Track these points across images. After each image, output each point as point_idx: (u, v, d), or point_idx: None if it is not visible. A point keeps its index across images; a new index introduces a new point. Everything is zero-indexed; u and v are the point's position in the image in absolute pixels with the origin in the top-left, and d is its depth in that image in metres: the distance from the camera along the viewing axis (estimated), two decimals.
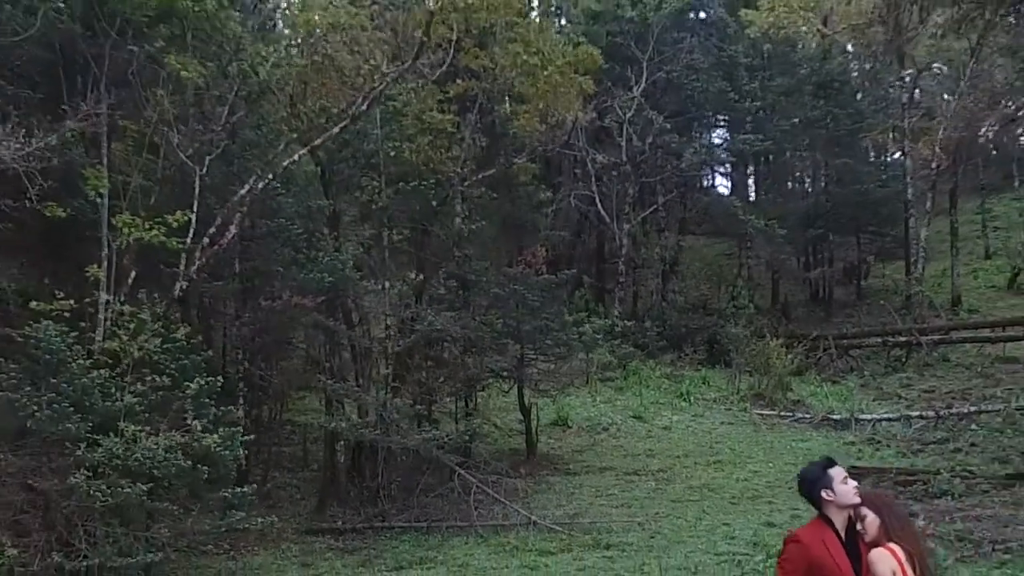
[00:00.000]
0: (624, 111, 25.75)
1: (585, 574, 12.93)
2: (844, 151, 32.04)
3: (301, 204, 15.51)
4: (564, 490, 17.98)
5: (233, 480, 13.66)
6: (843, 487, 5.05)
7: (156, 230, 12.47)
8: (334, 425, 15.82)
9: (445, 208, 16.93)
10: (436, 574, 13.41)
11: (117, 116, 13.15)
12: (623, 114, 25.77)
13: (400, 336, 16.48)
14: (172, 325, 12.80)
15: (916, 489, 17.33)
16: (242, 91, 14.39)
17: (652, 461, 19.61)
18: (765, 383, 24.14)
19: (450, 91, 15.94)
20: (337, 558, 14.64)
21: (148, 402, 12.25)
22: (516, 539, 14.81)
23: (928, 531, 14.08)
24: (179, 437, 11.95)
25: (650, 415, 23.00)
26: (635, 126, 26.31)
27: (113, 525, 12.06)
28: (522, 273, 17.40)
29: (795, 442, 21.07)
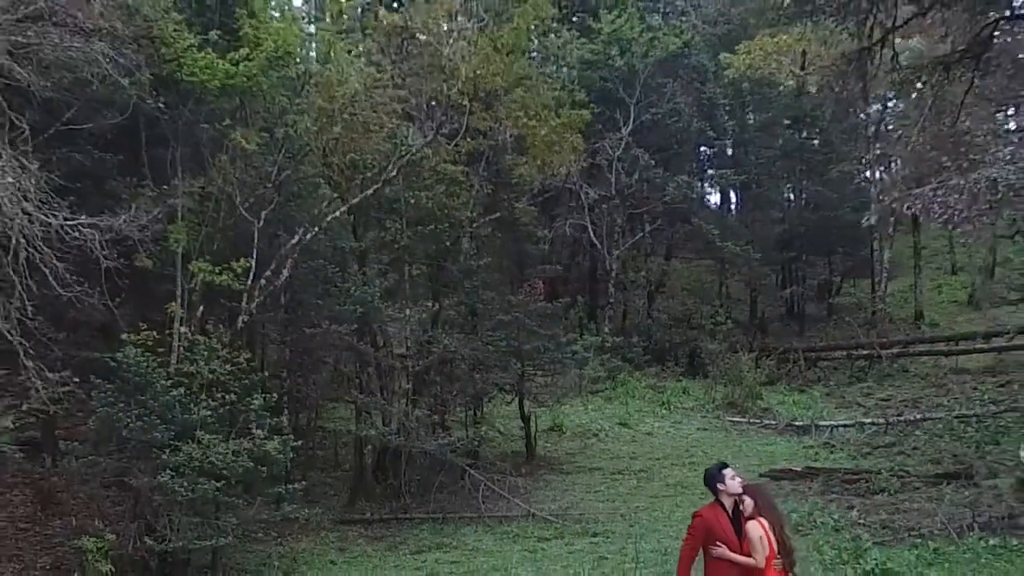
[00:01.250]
0: (613, 150, 27.89)
1: (575, 556, 15.19)
2: (816, 179, 34.31)
3: (335, 245, 17.92)
4: (558, 487, 20.15)
5: (284, 479, 16.13)
6: (731, 482, 7.54)
7: (225, 275, 14.97)
8: (364, 432, 18.27)
9: (457, 246, 19.26)
10: (451, 557, 15.68)
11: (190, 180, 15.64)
12: (612, 152, 27.90)
13: (418, 356, 18.89)
14: (236, 351, 15.24)
15: (859, 486, 19.60)
16: (287, 153, 16.83)
17: (635, 462, 21.78)
18: (737, 393, 26.25)
19: (461, 148, 18.31)
20: (367, 544, 16.96)
21: (218, 415, 14.60)
22: (517, 528, 17.09)
23: (858, 521, 16.70)
24: (244, 443, 14.40)
25: (635, 422, 25.05)
26: (623, 163, 28.38)
27: (190, 515, 14.53)
28: (523, 301, 19.81)
29: (761, 446, 23.24)
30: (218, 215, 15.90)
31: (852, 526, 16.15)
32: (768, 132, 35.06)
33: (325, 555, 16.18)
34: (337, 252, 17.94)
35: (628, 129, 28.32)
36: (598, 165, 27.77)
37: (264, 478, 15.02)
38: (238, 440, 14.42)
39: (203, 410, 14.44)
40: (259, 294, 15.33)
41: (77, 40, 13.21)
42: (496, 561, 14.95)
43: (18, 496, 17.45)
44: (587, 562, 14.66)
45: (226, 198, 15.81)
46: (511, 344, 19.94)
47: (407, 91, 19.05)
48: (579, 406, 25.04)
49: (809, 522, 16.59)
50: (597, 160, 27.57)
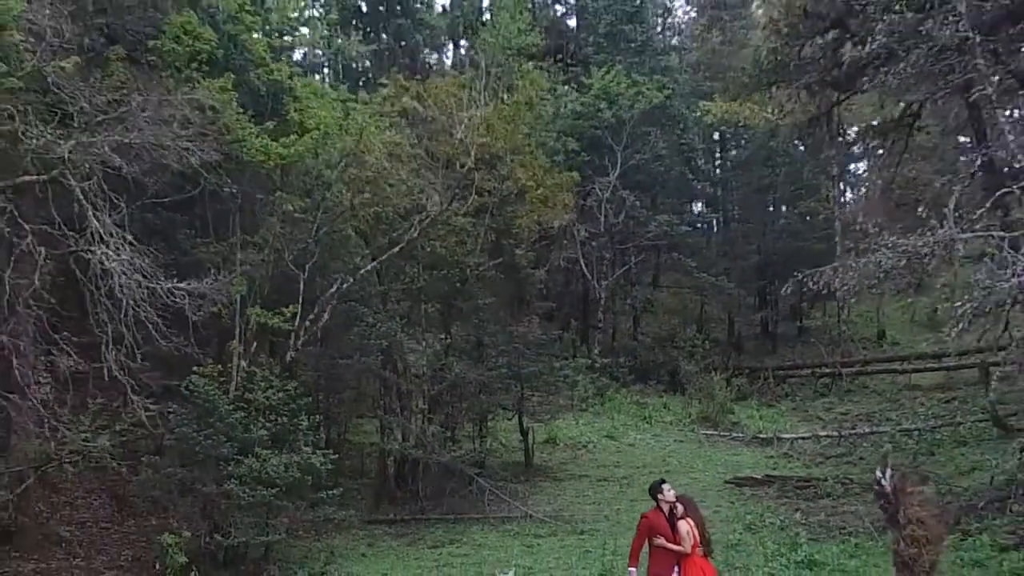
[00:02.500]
0: (603, 192, 30.31)
1: (565, 550, 17.79)
2: (788, 212, 37.03)
3: (363, 289, 20.65)
4: (552, 492, 22.59)
5: (323, 486, 18.85)
6: (668, 493, 10.37)
7: (276, 318, 17.76)
8: (387, 445, 21.03)
9: (466, 287, 21.92)
10: (461, 551, 18.24)
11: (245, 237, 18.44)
12: (602, 194, 30.26)
13: (433, 380, 21.61)
14: (285, 381, 18.01)
15: (808, 492, 22.29)
16: (325, 213, 19.58)
17: (618, 470, 24.14)
18: (710, 408, 28.53)
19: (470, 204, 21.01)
20: (392, 540, 19.58)
21: (272, 434, 17.36)
22: (517, 527, 19.66)
23: (800, 521, 19.44)
24: (294, 457, 17.14)
25: (619, 434, 27.31)
26: (611, 204, 30.75)
27: (249, 516, 17.25)
28: (522, 333, 22.52)
29: (728, 456, 25.65)
30: (268, 267, 18.68)
31: (794, 525, 18.84)
32: (744, 170, 37.73)
33: (357, 549, 18.79)
34: (365, 294, 20.65)
35: (616, 173, 30.80)
36: (589, 206, 30.50)
37: (308, 486, 17.78)
38: (289, 455, 17.14)
39: (260, 430, 17.11)
40: (304, 333, 18.11)
41: (162, 130, 16.02)
42: (499, 554, 17.44)
43: (97, 500, 20.13)
44: (574, 555, 17.20)
45: (275, 253, 18.60)
46: (512, 369, 22.32)
47: (423, 152, 21.86)
48: (571, 421, 27.08)
49: (760, 522, 19.32)
50: (588, 201, 30.29)
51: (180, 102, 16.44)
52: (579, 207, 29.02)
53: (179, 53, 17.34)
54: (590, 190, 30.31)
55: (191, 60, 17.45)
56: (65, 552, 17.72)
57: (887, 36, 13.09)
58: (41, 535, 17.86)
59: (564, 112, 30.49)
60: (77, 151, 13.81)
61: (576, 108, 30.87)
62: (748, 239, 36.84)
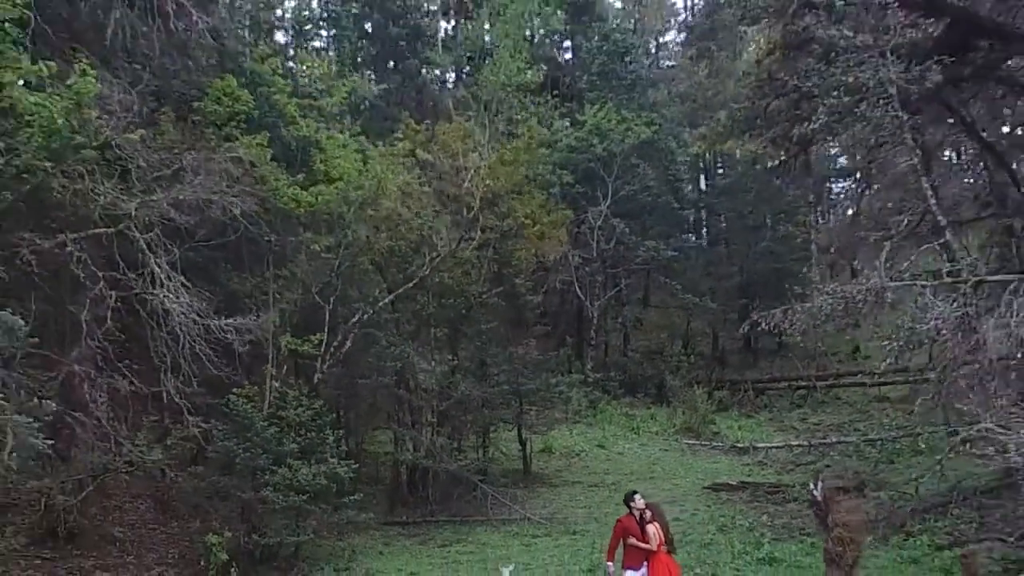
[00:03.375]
0: (595, 220, 32.29)
1: (558, 549, 19.67)
2: (768, 236, 39.05)
3: (379, 316, 22.71)
4: (548, 497, 24.35)
5: (345, 492, 20.90)
6: (638, 501, 12.48)
7: (306, 345, 19.87)
8: (401, 456, 23.16)
9: (470, 313, 23.94)
10: (467, 549, 20.12)
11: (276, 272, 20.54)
12: (594, 222, 32.11)
13: (441, 397, 23.63)
14: (313, 400, 20.08)
15: (777, 497, 24.25)
16: (347, 250, 21.66)
17: (607, 477, 25.89)
18: (693, 419, 30.37)
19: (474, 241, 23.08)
20: (405, 540, 21.46)
21: (302, 446, 19.48)
22: (516, 528, 21.51)
23: (766, 523, 21.52)
24: (322, 467, 19.21)
25: (610, 444, 29.04)
26: (603, 231, 32.58)
27: (282, 519, 19.33)
28: (521, 354, 24.61)
29: (708, 464, 27.42)
30: (297, 300, 20.78)
31: (761, 527, 20.90)
32: (728, 195, 39.81)
33: (375, 548, 20.73)
34: (380, 320, 22.70)
35: (607, 203, 32.68)
36: (583, 233, 32.59)
37: (333, 492, 19.84)
38: (316, 465, 19.19)
39: (291, 443, 19.11)
40: (330, 358, 20.22)
41: (209, 184, 18.12)
42: (501, 552, 19.35)
43: (143, 504, 22.13)
44: (567, 553, 19.14)
45: (303, 286, 20.70)
46: (512, 386, 24.11)
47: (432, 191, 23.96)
48: (566, 432, 28.43)
49: (731, 524, 21.34)
50: (582, 229, 32.38)
51: (222, 158, 18.56)
52: (573, 234, 31.08)
53: (220, 113, 19.46)
54: (583, 218, 32.38)
55: (231, 119, 19.56)
56: (119, 550, 19.71)
57: (828, 116, 15.23)
58: (98, 535, 19.85)
59: (560, 146, 32.56)
60: (141, 208, 15.88)
61: (571, 143, 32.90)
62: (732, 260, 38.84)
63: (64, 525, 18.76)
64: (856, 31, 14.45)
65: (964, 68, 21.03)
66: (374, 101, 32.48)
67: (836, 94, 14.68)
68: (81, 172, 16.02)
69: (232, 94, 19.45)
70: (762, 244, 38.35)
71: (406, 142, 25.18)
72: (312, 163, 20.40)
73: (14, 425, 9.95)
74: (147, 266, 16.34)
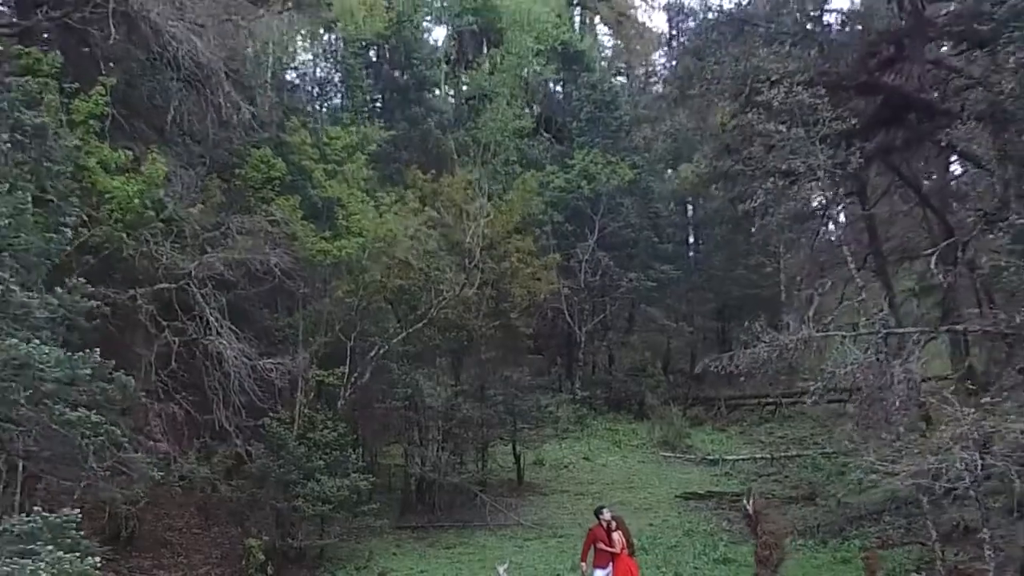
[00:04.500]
0: (582, 254, 34.86)
1: (547, 550, 22.19)
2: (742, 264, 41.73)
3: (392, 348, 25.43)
4: (539, 504, 26.66)
5: (363, 501, 23.62)
6: (606, 514, 15.30)
7: (331, 377, 22.65)
8: (411, 469, 25.92)
9: (471, 345, 26.68)
10: (469, 551, 22.60)
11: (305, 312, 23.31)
12: (581, 256, 34.53)
13: (446, 417, 26.34)
14: (337, 424, 22.82)
15: (738, 505, 26.71)
16: (364, 290, 24.39)
17: (592, 487, 28.16)
18: (669, 434, 32.68)
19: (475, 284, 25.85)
20: (415, 542, 23.70)
21: (328, 463, 22.20)
22: (511, 532, 23.95)
23: (726, 528, 24.28)
24: (345, 481, 21.96)
25: (594, 456, 31.19)
26: (589, 264, 34.89)
27: (310, 526, 22.11)
28: (516, 379, 27.39)
29: (681, 474, 29.63)
30: (322, 337, 23.53)
31: (720, 532, 23.57)
32: (706, 226, 42.63)
33: (388, 550, 23.18)
34: (393, 352, 25.41)
35: (594, 239, 35.13)
36: (571, 266, 35.34)
37: (353, 502, 22.57)
38: (340, 479, 21.91)
39: (318, 461, 21.89)
40: (351, 387, 23.00)
41: (250, 242, 20.91)
42: (497, 553, 21.86)
43: (187, 512, 24.89)
44: (553, 553, 21.83)
45: (328, 325, 23.48)
46: (507, 407, 26.56)
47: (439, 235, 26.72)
48: (555, 445, 30.01)
49: (696, 528, 24.06)
50: (571, 262, 35.17)
51: (261, 218, 21.37)
52: (563, 267, 33.86)
53: (258, 178, 22.26)
54: (572, 253, 35.20)
55: (267, 183, 22.37)
56: (171, 552, 22.43)
57: (764, 196, 18.02)
58: (153, 539, 22.60)
59: (552, 187, 35.38)
60: (199, 267, 18.68)
61: (561, 184, 35.71)
62: (709, 286, 41.60)
63: (126, 529, 21.53)
64: (790, 126, 17.20)
65: (899, 134, 24.03)
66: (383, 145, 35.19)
67: (772, 180, 17.51)
68: (147, 237, 18.79)
69: (268, 162, 22.22)
70: (737, 271, 41.05)
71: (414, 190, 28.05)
72: (336, 219, 23.13)
73: (133, 461, 12.62)
74: (202, 315, 19.05)
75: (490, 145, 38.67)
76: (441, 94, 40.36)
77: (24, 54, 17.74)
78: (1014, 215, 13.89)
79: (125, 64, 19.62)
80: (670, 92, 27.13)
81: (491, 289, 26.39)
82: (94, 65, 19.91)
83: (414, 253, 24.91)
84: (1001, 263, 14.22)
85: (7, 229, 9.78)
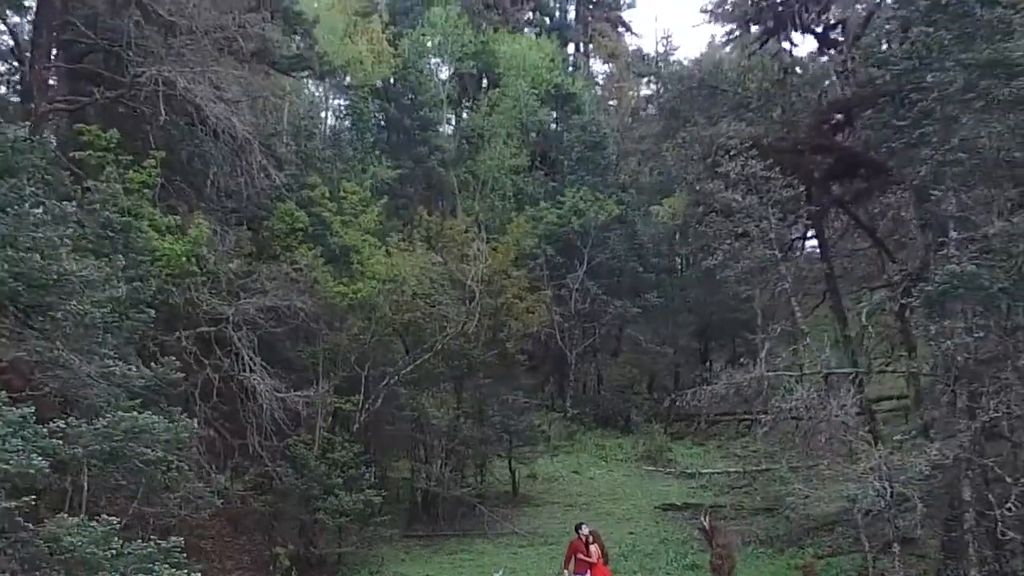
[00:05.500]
0: (572, 283, 37.18)
1: (539, 556, 24.28)
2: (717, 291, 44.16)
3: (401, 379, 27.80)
4: (532, 515, 28.71)
5: (376, 512, 26.01)
6: (584, 530, 17.77)
7: (348, 404, 25.09)
8: (417, 484, 28.36)
9: (472, 371, 29.15)
10: (469, 557, 24.77)
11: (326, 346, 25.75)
12: (572, 286, 36.80)
13: (448, 436, 28.76)
14: (353, 445, 25.23)
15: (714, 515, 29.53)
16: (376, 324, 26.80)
17: (580, 498, 30.21)
18: (652, 449, 34.84)
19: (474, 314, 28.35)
20: (422, 549, 25.85)
21: (345, 480, 24.63)
22: (507, 540, 26.12)
23: (696, 537, 26.62)
24: (361, 496, 24.37)
25: (583, 470, 33.15)
26: (579, 292, 37.11)
27: (330, 535, 24.55)
28: (511, 402, 29.89)
29: (661, 487, 31.63)
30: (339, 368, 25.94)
31: (692, 540, 25.71)
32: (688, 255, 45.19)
33: (398, 556, 25.28)
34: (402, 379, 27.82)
35: (583, 269, 37.39)
36: (563, 294, 37.85)
37: (368, 514, 24.97)
38: (356, 494, 24.27)
39: (337, 478, 24.27)
40: (365, 413, 25.44)
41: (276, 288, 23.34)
42: (495, 559, 24.22)
43: (218, 522, 27.16)
44: (544, 559, 23.92)
45: (344, 358, 25.91)
46: (504, 427, 28.84)
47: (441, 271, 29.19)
48: (547, 460, 32.14)
49: (671, 537, 26.37)
50: (562, 291, 37.71)
51: (287, 266, 23.84)
52: (555, 295, 36.40)
53: (282, 229, 24.71)
54: (563, 283, 37.75)
55: (290, 233, 24.82)
56: (206, 558, 24.68)
57: (723, 255, 20.54)
58: (189, 547, 24.75)
59: (544, 223, 37.93)
60: (236, 313, 21.14)
61: (553, 220, 38.26)
62: (691, 310, 44.10)
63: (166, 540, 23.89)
64: (745, 194, 19.69)
65: (852, 187, 26.58)
66: (391, 183, 37.73)
67: (729, 242, 20.03)
68: (190, 286, 21.25)
69: (292, 215, 24.67)
70: (718, 296, 43.47)
71: (420, 229, 30.57)
72: (352, 263, 25.58)
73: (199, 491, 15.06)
74: (238, 352, 21.50)
75: (488, 180, 41.26)
76: (443, 132, 42.81)
77: (87, 131, 20.24)
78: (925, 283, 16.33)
79: (169, 133, 22.01)
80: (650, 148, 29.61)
81: (489, 320, 28.78)
82: (140, 132, 22.43)
83: (420, 291, 27.38)
84: (915, 319, 16.67)
85: (109, 315, 12.19)
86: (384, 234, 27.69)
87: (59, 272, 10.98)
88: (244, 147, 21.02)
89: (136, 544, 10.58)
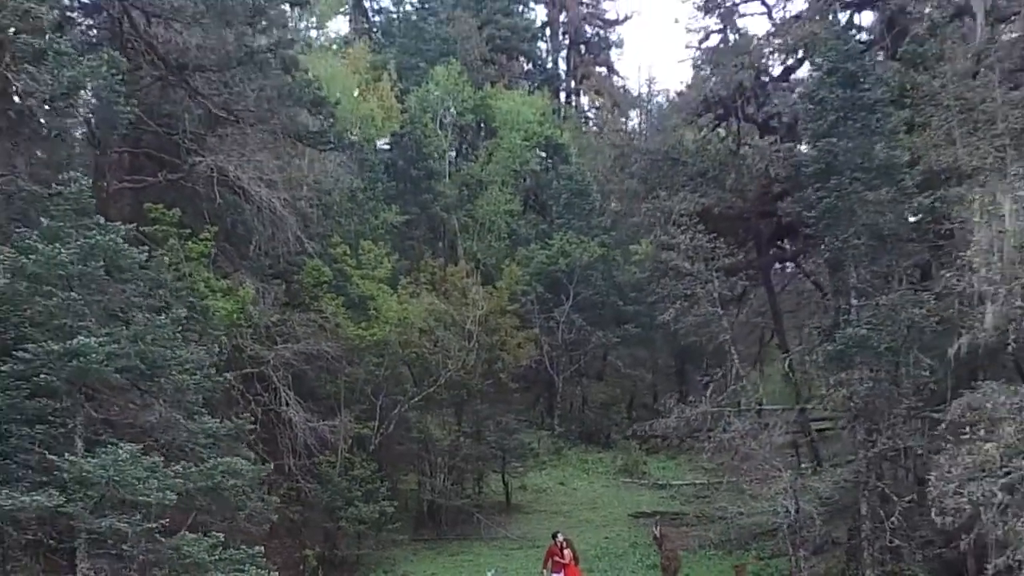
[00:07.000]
0: (560, 316, 40.77)
1: (528, 557, 27.28)
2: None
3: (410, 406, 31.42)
4: (522, 521, 31.83)
5: (389, 520, 29.56)
6: (559, 538, 21.41)
7: (365, 429, 28.75)
8: (423, 495, 32.00)
9: (470, 397, 32.78)
10: (468, 558, 27.99)
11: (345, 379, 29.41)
12: (559, 319, 40.23)
13: (450, 453, 32.39)
14: (370, 463, 28.84)
15: (677, 521, 32.20)
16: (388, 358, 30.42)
17: (564, 507, 33.27)
18: (629, 462, 38.11)
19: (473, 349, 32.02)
20: (427, 551, 29.03)
21: (363, 493, 28.17)
22: (501, 544, 29.31)
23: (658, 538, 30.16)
24: (376, 506, 27.94)
25: (568, 482, 36.18)
26: (565, 324, 40.45)
27: (349, 539, 28.16)
28: (504, 423, 33.53)
29: (636, 497, 34.63)
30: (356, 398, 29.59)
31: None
32: None
33: (407, 557, 28.51)
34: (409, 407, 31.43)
35: (569, 303, 40.80)
36: (551, 325, 41.55)
37: (382, 521, 28.57)
38: (373, 505, 27.81)
39: (356, 491, 27.90)
40: (380, 435, 29.10)
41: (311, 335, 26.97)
42: (490, 560, 27.40)
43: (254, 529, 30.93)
44: (532, 560, 26.82)
45: (361, 387, 29.57)
46: (498, 445, 32.24)
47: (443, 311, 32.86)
48: (537, 473, 34.68)
49: (640, 542, 29.72)
50: (550, 323, 41.40)
51: (314, 314, 27.51)
52: (544, 327, 40.12)
53: (310, 282, 28.38)
54: (551, 315, 41.50)
55: (316, 285, 28.50)
56: None
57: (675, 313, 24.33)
58: None
59: (535, 263, 41.70)
60: (275, 358, 24.79)
61: (543, 260, 41.99)
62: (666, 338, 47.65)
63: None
64: (694, 261, 23.42)
65: (793, 245, 30.22)
66: (398, 226, 41.43)
67: (678, 303, 23.78)
68: (237, 336, 24.88)
69: (318, 270, 28.35)
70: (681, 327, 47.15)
71: (425, 273, 34.26)
72: (368, 309, 29.25)
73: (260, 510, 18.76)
74: (276, 388, 25.14)
75: (486, 222, 45.05)
76: (445, 179, 46.52)
77: (154, 209, 23.93)
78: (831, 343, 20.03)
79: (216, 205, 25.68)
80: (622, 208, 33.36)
81: (486, 354, 32.47)
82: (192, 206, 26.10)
83: (425, 330, 31.08)
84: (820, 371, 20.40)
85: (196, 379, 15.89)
86: (395, 280, 31.17)
87: (174, 358, 14.66)
88: (281, 220, 24.63)
89: (231, 551, 14.22)
